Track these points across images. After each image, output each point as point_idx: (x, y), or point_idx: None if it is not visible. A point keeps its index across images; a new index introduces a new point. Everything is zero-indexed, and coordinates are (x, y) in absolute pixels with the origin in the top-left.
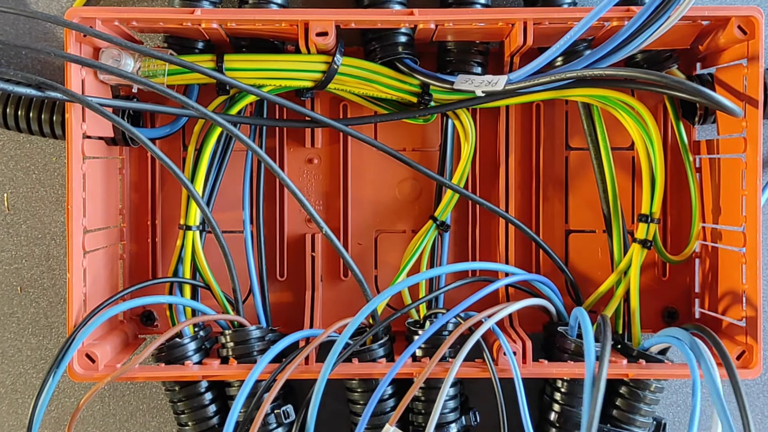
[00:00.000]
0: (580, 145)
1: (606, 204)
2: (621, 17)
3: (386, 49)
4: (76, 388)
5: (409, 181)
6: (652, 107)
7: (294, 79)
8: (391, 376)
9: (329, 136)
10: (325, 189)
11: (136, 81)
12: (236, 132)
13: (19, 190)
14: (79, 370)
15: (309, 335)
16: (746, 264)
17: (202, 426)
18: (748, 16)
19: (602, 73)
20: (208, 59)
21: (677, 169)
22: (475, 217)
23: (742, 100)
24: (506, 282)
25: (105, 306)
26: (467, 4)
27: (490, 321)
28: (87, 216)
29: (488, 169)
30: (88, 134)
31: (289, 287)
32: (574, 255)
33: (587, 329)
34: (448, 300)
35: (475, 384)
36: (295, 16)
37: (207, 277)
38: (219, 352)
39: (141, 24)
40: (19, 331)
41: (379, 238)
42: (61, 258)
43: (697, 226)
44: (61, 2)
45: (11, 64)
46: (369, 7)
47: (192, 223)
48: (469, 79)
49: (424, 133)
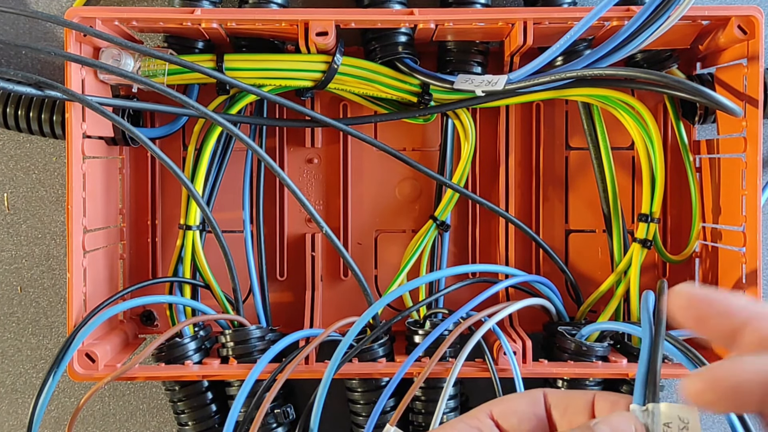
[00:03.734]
0: (580, 145)
1: (606, 204)
2: (621, 17)
3: (386, 49)
4: (76, 388)
5: (409, 181)
6: (652, 107)
7: (294, 78)
8: (396, 382)
9: (329, 136)
10: (325, 189)
11: (136, 80)
12: (236, 131)
13: (19, 190)
14: (79, 370)
15: (309, 335)
16: (746, 264)
17: (202, 426)
18: (748, 15)
19: (602, 72)
20: (208, 59)
21: (677, 169)
22: (475, 217)
23: (742, 99)
24: (507, 284)
25: (105, 306)
26: (467, 4)
27: (491, 321)
28: (87, 216)
29: (488, 169)
30: (88, 134)
31: (289, 287)
32: (574, 255)
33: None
34: (448, 300)
35: (475, 384)
36: (295, 15)
37: (207, 276)
38: (219, 351)
39: (141, 24)
40: (19, 331)
41: (379, 238)
42: (61, 258)
43: (697, 226)
44: (61, 2)
45: (11, 63)
46: (369, 7)
47: (192, 222)
48: (469, 79)
49: (424, 133)
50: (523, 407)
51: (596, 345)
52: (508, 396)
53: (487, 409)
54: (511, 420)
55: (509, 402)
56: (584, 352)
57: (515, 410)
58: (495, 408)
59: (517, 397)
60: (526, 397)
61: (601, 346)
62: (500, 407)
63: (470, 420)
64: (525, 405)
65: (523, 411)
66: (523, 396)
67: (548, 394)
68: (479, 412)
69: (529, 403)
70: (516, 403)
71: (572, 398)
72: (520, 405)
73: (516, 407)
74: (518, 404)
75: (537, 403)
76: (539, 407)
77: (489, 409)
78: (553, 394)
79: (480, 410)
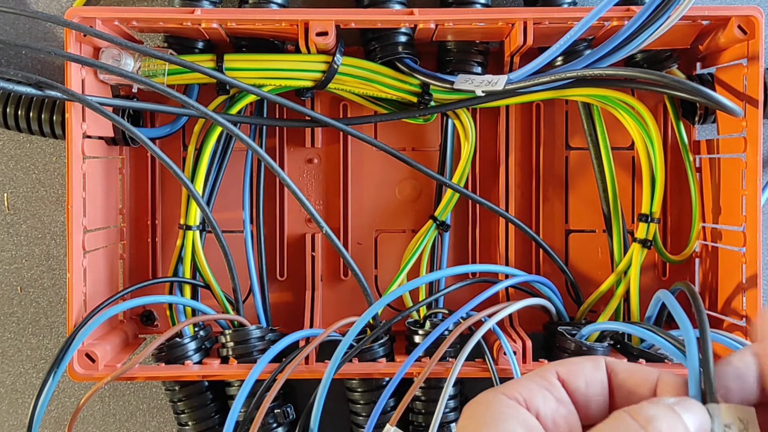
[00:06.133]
0: (580, 145)
1: (606, 204)
2: (621, 17)
3: (386, 49)
4: (76, 388)
5: (409, 181)
6: (652, 107)
7: (294, 78)
8: (396, 382)
9: (329, 136)
10: (325, 189)
11: (137, 80)
12: (237, 131)
13: (19, 190)
14: (79, 370)
15: (309, 335)
16: (746, 264)
17: (202, 426)
18: (748, 15)
19: (602, 72)
20: (208, 59)
21: (677, 169)
22: (475, 217)
23: (742, 99)
24: (507, 284)
25: (105, 306)
26: (467, 4)
27: (491, 321)
28: (87, 216)
29: (488, 169)
30: (88, 134)
31: (289, 287)
32: (574, 255)
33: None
34: (448, 300)
35: (475, 384)
36: (295, 15)
37: (207, 276)
38: (219, 351)
39: (141, 24)
40: (19, 331)
41: (379, 238)
42: (61, 258)
43: (697, 226)
44: (61, 2)
45: (11, 63)
46: (369, 7)
47: (192, 222)
48: (469, 79)
49: (424, 133)
50: (589, 370)
51: (596, 345)
52: (572, 359)
53: (553, 369)
54: (578, 382)
55: (575, 365)
56: (584, 352)
57: (582, 373)
58: (561, 368)
59: (583, 360)
60: (590, 362)
61: (602, 346)
62: (566, 368)
63: (538, 380)
64: (591, 369)
65: (589, 374)
66: (588, 360)
67: (610, 362)
68: (546, 371)
69: (594, 368)
70: (582, 366)
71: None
72: (586, 368)
73: (582, 370)
74: (584, 367)
75: (600, 369)
76: (603, 373)
77: (555, 369)
78: (616, 364)
79: (546, 369)
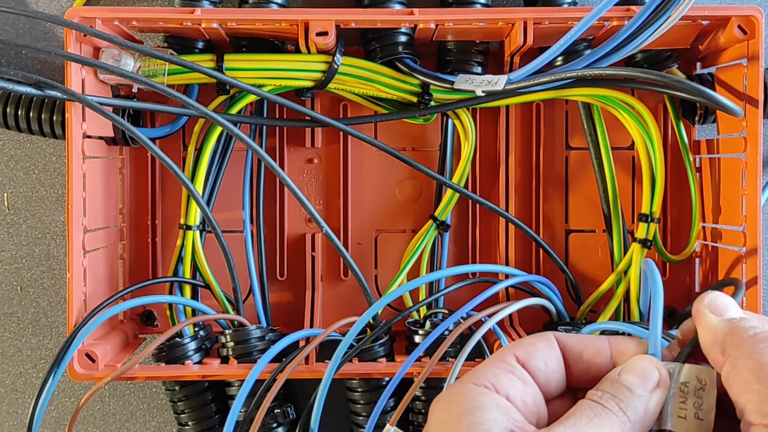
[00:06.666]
0: (580, 145)
1: (606, 204)
2: (621, 17)
3: (386, 49)
4: (76, 388)
5: (409, 181)
6: (652, 107)
7: (294, 78)
8: (396, 382)
9: (329, 135)
10: (325, 189)
11: (137, 80)
12: (237, 131)
13: (19, 190)
14: (79, 370)
15: (309, 335)
16: (746, 264)
17: (202, 426)
18: (748, 15)
19: (602, 72)
20: (208, 59)
21: (677, 169)
22: (475, 217)
23: (742, 99)
24: (507, 284)
25: (105, 306)
26: (467, 4)
27: (491, 321)
28: (87, 216)
29: (488, 169)
30: (88, 134)
31: (289, 287)
32: (574, 255)
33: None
34: (448, 300)
35: None
36: (295, 15)
37: (207, 276)
38: (219, 351)
39: (141, 24)
40: (19, 331)
41: (379, 238)
42: (61, 258)
43: (697, 226)
44: (61, 2)
45: (11, 63)
46: (369, 7)
47: (192, 222)
48: (469, 79)
49: (424, 133)
50: (544, 349)
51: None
52: (524, 339)
53: (510, 352)
54: (537, 362)
55: (530, 345)
56: None
57: (539, 353)
58: (518, 351)
59: (536, 340)
60: (543, 340)
61: None
62: (523, 349)
63: (500, 364)
64: (545, 347)
65: (545, 353)
66: (539, 338)
67: (559, 337)
68: (505, 354)
69: (548, 346)
70: (537, 345)
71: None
72: (541, 347)
73: (538, 350)
74: (539, 347)
75: (554, 346)
76: (557, 350)
77: (512, 353)
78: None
79: (504, 353)
